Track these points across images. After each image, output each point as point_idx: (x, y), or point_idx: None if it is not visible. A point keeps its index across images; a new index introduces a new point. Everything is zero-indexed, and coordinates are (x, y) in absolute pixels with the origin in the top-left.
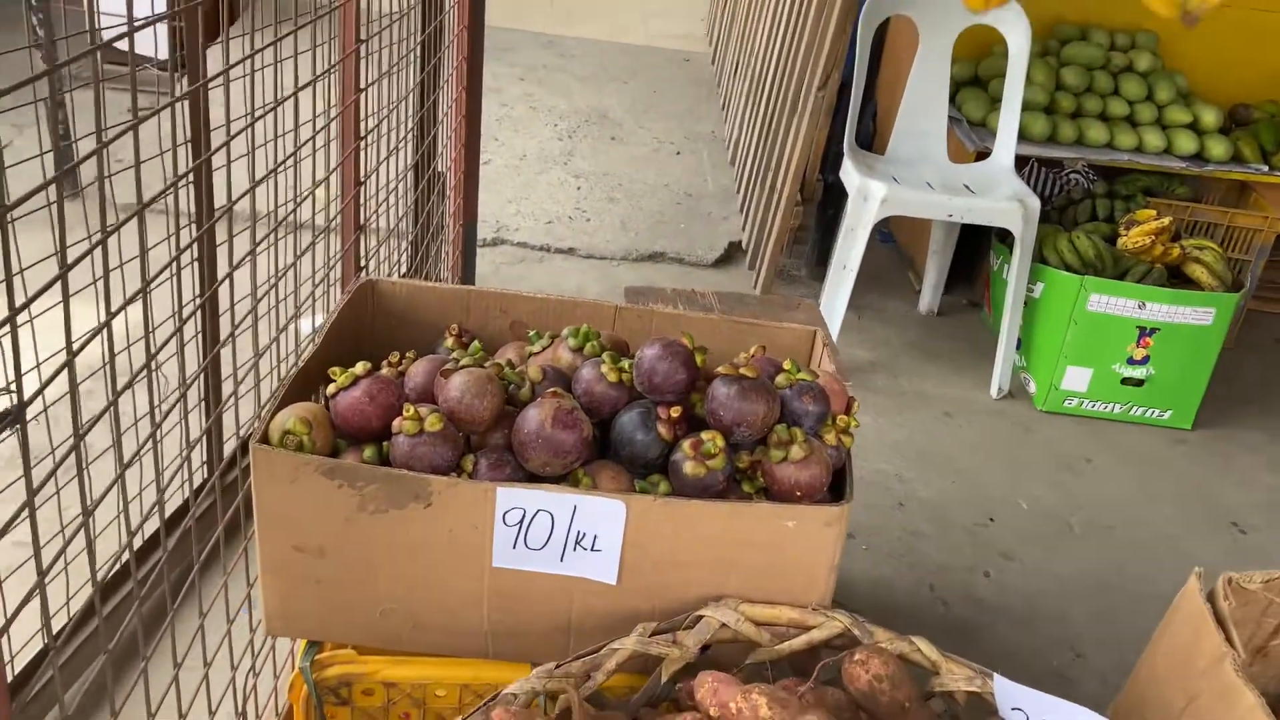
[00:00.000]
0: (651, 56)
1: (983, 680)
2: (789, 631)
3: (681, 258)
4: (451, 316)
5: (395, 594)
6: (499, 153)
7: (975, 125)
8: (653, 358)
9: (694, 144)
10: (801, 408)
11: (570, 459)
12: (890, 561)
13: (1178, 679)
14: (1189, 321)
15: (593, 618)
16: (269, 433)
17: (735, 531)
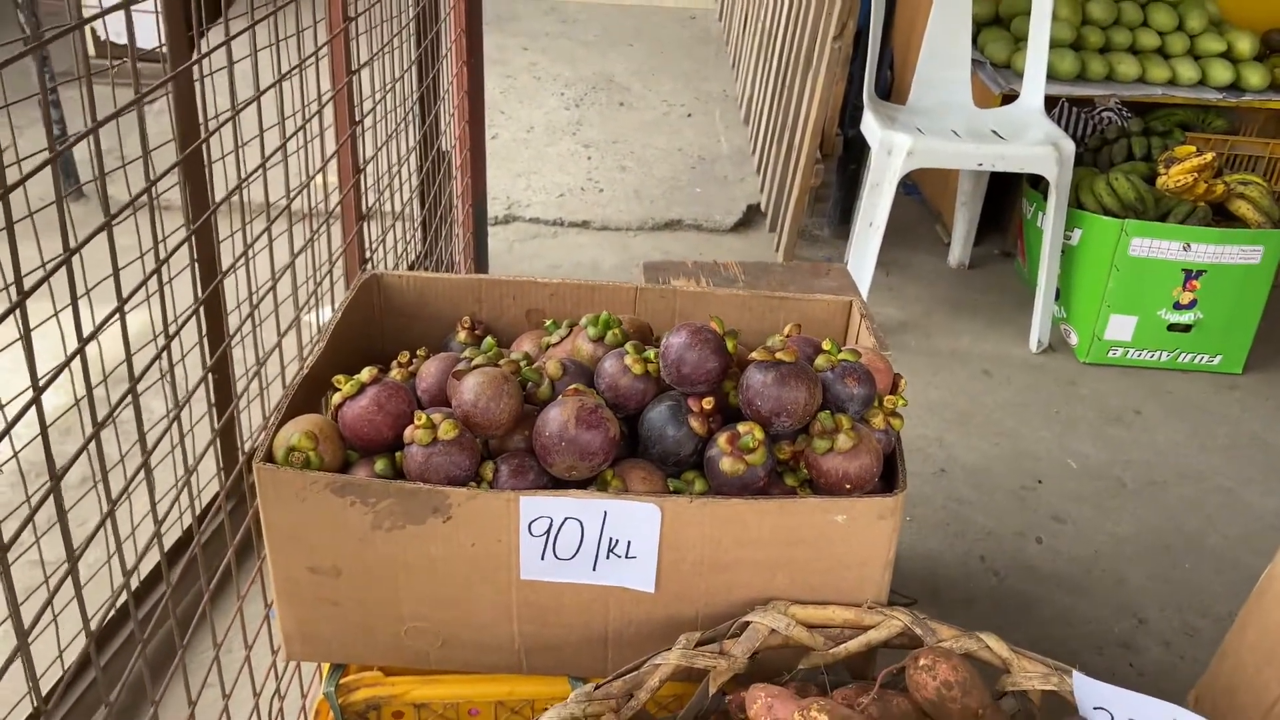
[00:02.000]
0: (656, 16)
1: (1060, 678)
2: (844, 633)
3: (699, 224)
4: (463, 308)
5: (419, 613)
6: (506, 126)
7: (1000, 67)
8: (680, 346)
9: (705, 105)
10: (846, 392)
11: (597, 461)
12: (937, 533)
13: (1272, 663)
14: (1237, 261)
15: (631, 627)
16: (273, 449)
17: (780, 530)
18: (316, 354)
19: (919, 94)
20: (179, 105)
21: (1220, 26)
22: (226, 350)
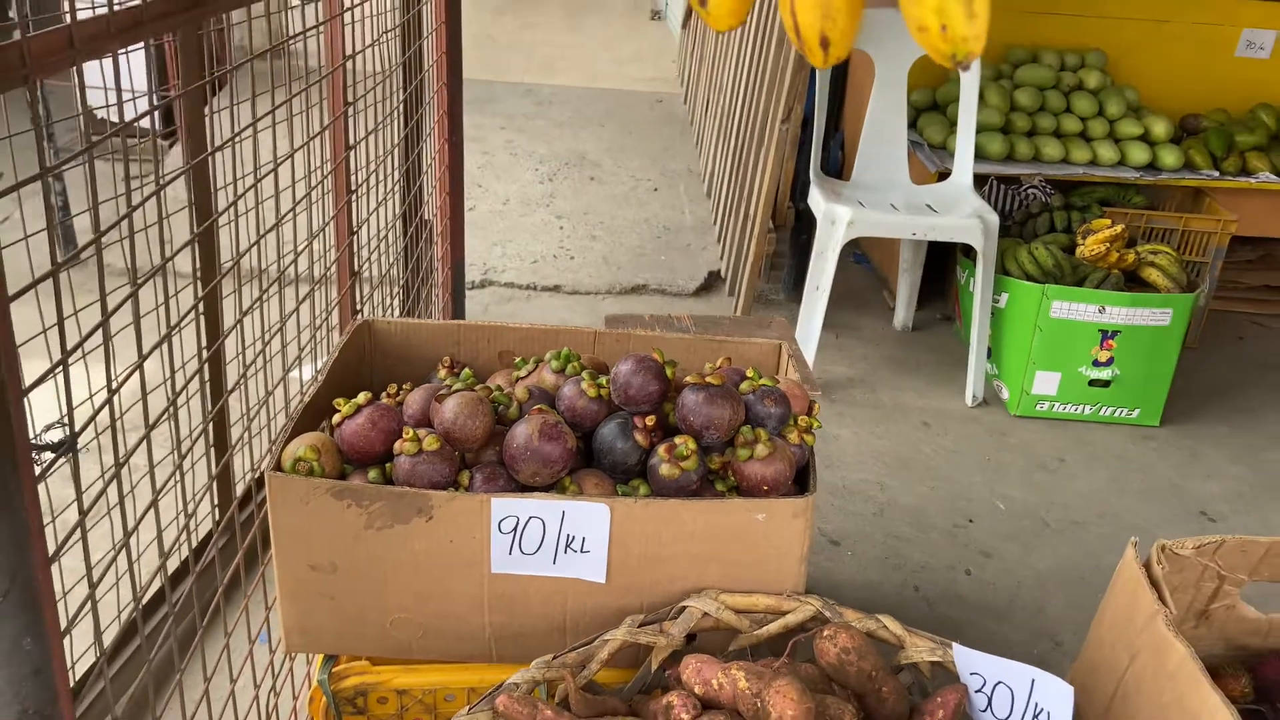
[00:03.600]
0: (626, 99)
1: (944, 650)
2: (766, 617)
3: (664, 289)
4: (443, 350)
5: (403, 604)
6: (483, 198)
7: (936, 148)
8: (627, 372)
9: (670, 180)
10: (764, 410)
11: (557, 468)
12: (876, 565)
13: (1121, 639)
14: (1148, 323)
15: (586, 616)
16: (282, 461)
17: (711, 527)
18: (316, 387)
19: (861, 171)
20: (198, 180)
21: (1139, 112)
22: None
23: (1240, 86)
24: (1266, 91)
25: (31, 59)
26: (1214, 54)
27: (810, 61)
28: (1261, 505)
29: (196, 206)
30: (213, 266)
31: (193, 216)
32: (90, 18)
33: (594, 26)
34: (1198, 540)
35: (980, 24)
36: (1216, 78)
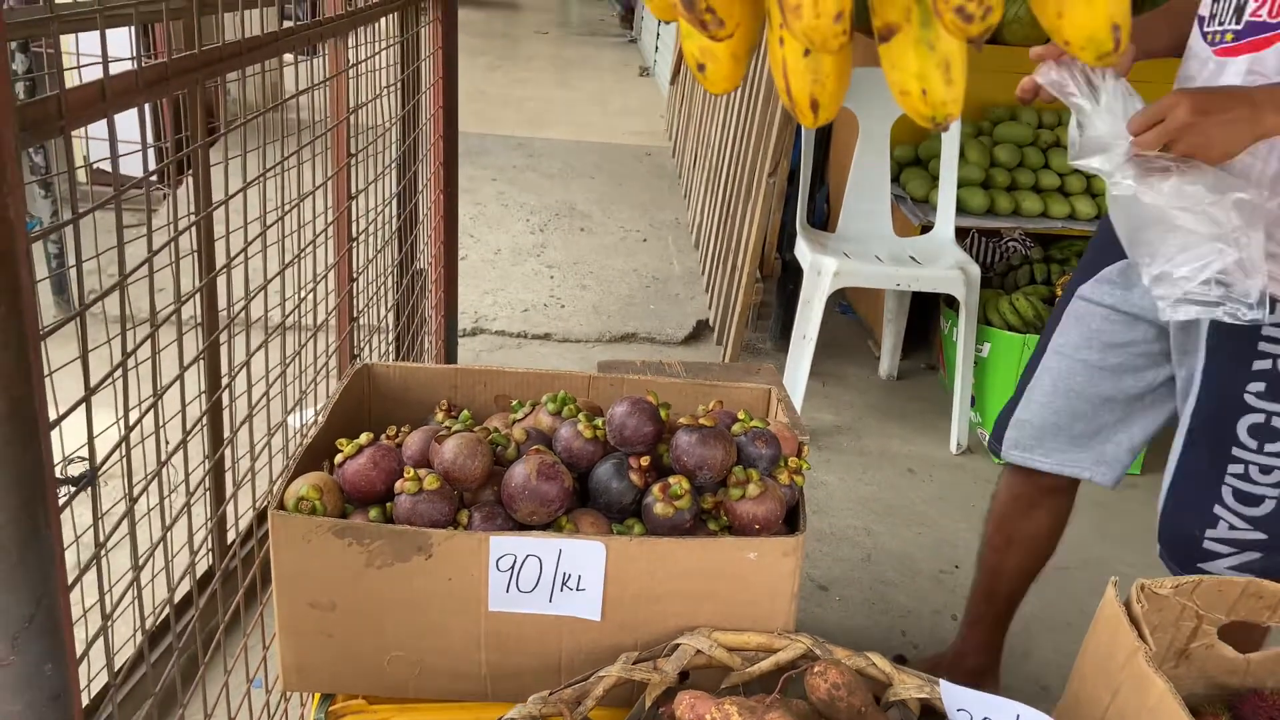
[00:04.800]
0: (615, 153)
1: (931, 688)
2: (758, 655)
3: (652, 337)
4: (441, 393)
5: (401, 643)
6: (475, 248)
7: (919, 202)
8: (622, 414)
9: (659, 231)
10: (755, 451)
11: (554, 507)
12: (864, 610)
13: (1102, 677)
14: None
15: (581, 654)
16: (285, 500)
17: (704, 565)
18: (318, 429)
19: (846, 223)
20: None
21: None
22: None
23: None
24: None
25: (68, 111)
26: None
27: (800, 122)
28: None
29: (199, 254)
30: (214, 312)
31: (198, 265)
32: (120, 73)
33: (584, 81)
34: (1176, 580)
35: (957, 89)
36: None
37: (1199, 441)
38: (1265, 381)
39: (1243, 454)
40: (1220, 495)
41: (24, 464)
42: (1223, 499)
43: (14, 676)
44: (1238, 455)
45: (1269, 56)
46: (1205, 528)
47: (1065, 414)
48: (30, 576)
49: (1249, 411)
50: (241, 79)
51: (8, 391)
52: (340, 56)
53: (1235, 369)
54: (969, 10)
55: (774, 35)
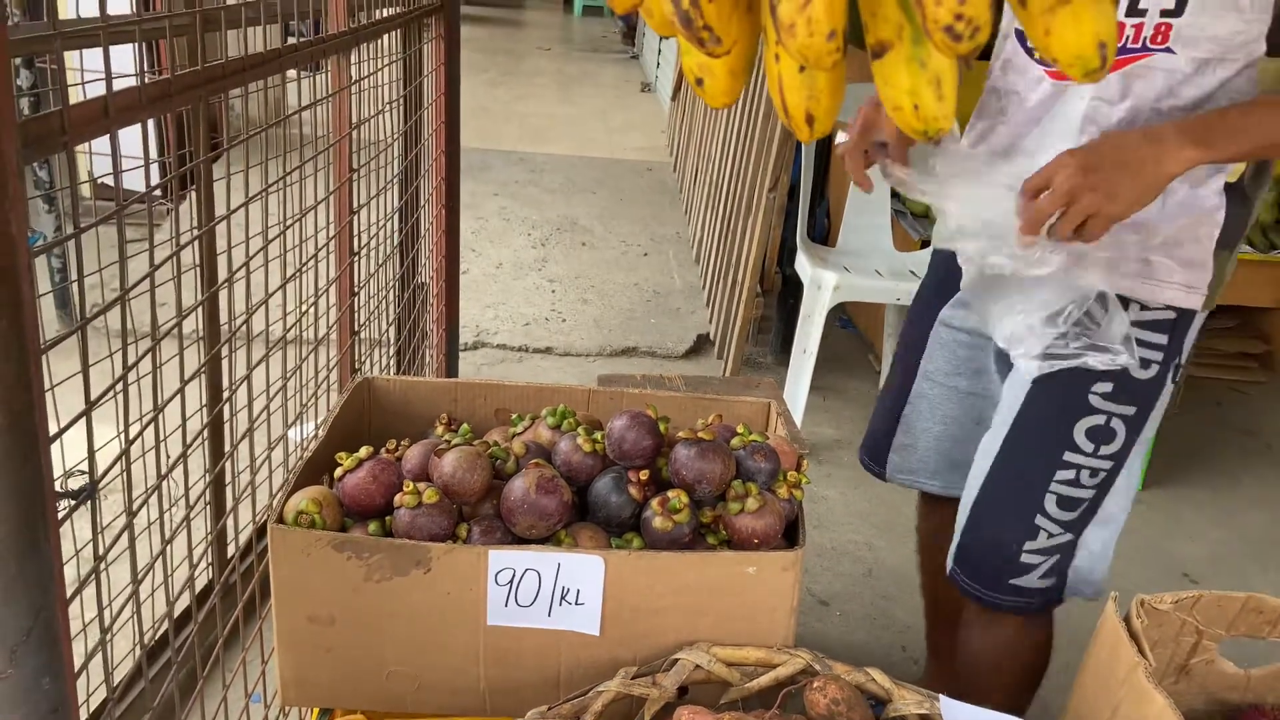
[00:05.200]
0: (616, 168)
1: (930, 703)
2: (757, 670)
3: (653, 351)
4: (441, 407)
5: (400, 657)
6: (477, 263)
7: (919, 217)
8: (621, 428)
9: (660, 245)
10: (754, 465)
11: (553, 521)
12: (864, 626)
13: (1102, 692)
14: None
15: (580, 669)
16: (284, 514)
17: (703, 579)
18: (318, 443)
19: (846, 238)
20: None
21: None
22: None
23: None
24: None
25: (71, 126)
26: None
27: (797, 136)
28: (1242, 567)
29: (201, 269)
30: (216, 326)
31: (200, 280)
32: (123, 89)
33: (586, 98)
34: (1175, 595)
35: (948, 104)
36: None
37: (1022, 444)
38: (1114, 382)
39: (1075, 458)
40: (1043, 504)
41: (24, 477)
42: (1044, 508)
43: (12, 690)
44: (1069, 460)
45: (1112, 82)
46: (1025, 540)
47: (945, 439)
48: (29, 589)
49: (1091, 413)
50: (244, 95)
51: (8, 405)
52: (343, 73)
53: (1079, 369)
54: (957, 30)
55: (770, 52)
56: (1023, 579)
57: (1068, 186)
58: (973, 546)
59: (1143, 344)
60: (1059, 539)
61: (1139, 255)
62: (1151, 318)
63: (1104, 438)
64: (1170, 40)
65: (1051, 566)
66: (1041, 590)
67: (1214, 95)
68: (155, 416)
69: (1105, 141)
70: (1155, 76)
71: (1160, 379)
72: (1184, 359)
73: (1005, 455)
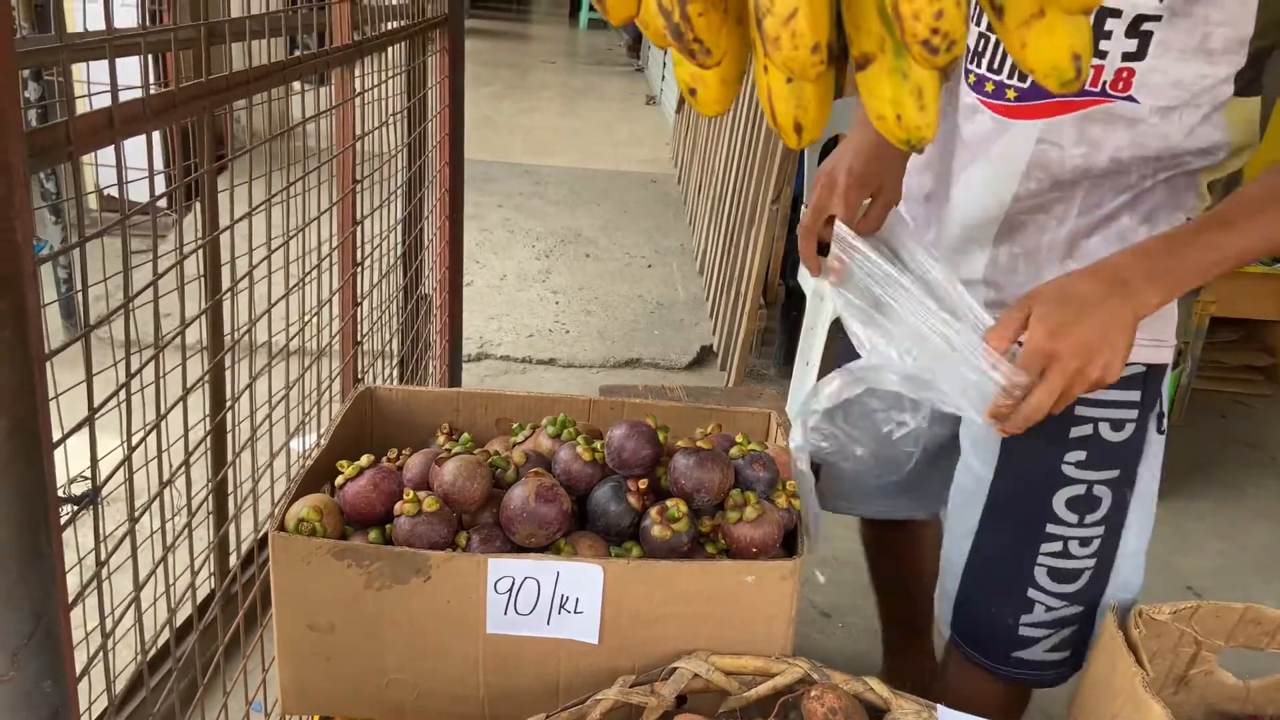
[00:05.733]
0: (621, 180)
1: (929, 713)
2: (755, 679)
3: (657, 362)
4: (442, 416)
5: (400, 665)
6: (480, 274)
7: None
8: (621, 437)
9: (664, 257)
10: (753, 474)
11: (552, 530)
12: (867, 637)
13: (1101, 703)
14: None
15: (579, 677)
16: (285, 521)
17: (702, 588)
18: (319, 451)
19: None
20: (212, 257)
21: None
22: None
23: None
24: (1244, 176)
25: (76, 137)
26: None
27: (786, 144)
28: (1245, 580)
29: (205, 279)
30: (219, 336)
31: (204, 290)
32: (128, 100)
33: (591, 110)
34: (1174, 606)
35: (930, 114)
36: None
37: (1002, 521)
38: (1085, 450)
39: (1060, 529)
40: (1034, 578)
41: (27, 481)
42: (1036, 581)
43: (13, 693)
44: (1054, 532)
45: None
46: (1020, 614)
47: (873, 471)
48: (31, 593)
49: (1068, 484)
50: (249, 107)
51: (12, 410)
52: (347, 85)
53: (1048, 440)
54: (934, 43)
55: (759, 63)
56: (1025, 652)
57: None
58: (968, 617)
59: (1114, 404)
60: (1061, 611)
61: None
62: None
63: (1088, 506)
64: (1133, 88)
65: (1062, 640)
66: (1053, 664)
67: (1181, 145)
68: (157, 425)
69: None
70: (1116, 125)
71: (1140, 435)
72: (1165, 407)
73: (985, 531)
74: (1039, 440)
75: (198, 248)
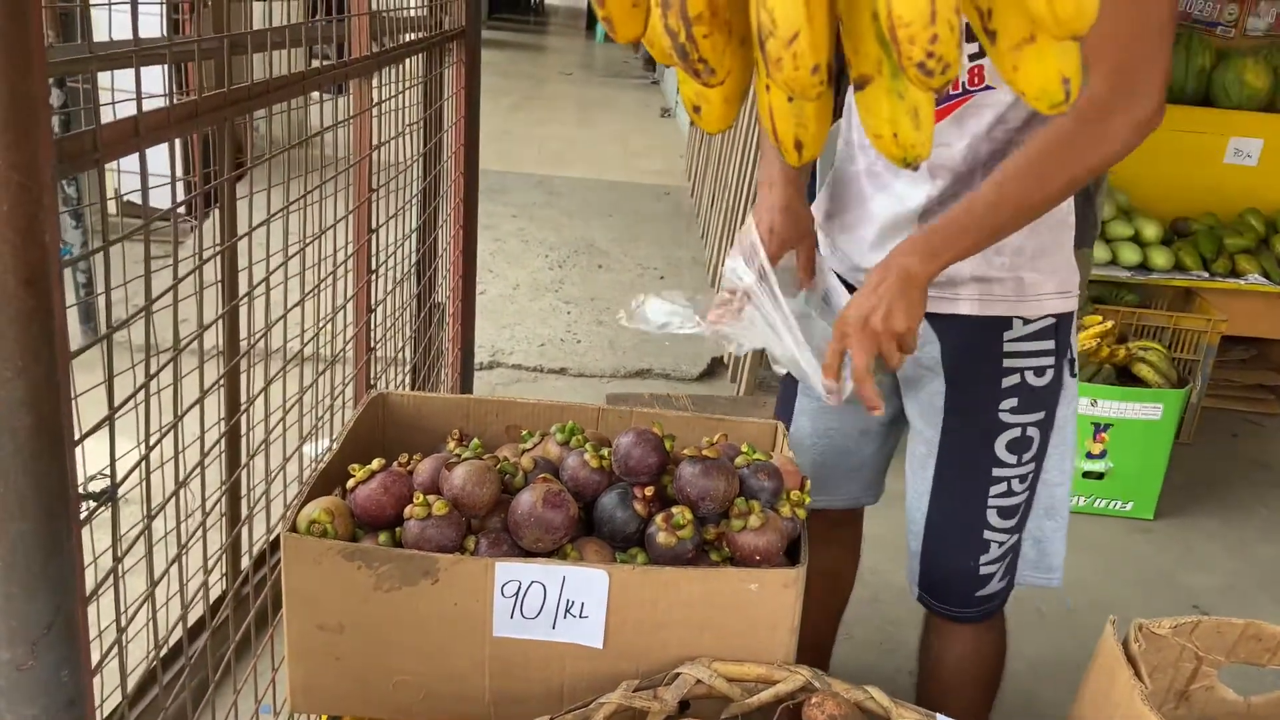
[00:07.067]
0: (634, 191)
1: None
2: (757, 686)
3: (667, 373)
4: (453, 422)
5: (407, 666)
6: (494, 283)
7: None
8: (628, 445)
9: (676, 269)
10: (758, 483)
11: (559, 535)
12: (871, 650)
13: (1100, 716)
14: (1139, 417)
15: (583, 682)
16: (297, 523)
17: (705, 595)
18: (332, 455)
19: None
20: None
21: (1130, 214)
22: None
23: (1229, 192)
24: (1254, 197)
25: (102, 145)
26: (1203, 161)
27: (787, 160)
28: (1253, 599)
29: (222, 285)
30: (236, 341)
31: (221, 295)
32: (153, 109)
33: (606, 122)
34: (1175, 620)
35: (925, 132)
36: (1206, 183)
37: (953, 474)
38: (1017, 396)
39: (1003, 471)
40: (986, 519)
41: (50, 476)
42: (989, 522)
43: (33, 681)
44: (998, 475)
45: (947, 128)
46: (979, 555)
47: (831, 453)
48: (51, 585)
49: (1005, 429)
50: (269, 116)
51: (36, 406)
52: (365, 95)
53: (984, 392)
54: (929, 66)
55: (761, 82)
56: (985, 589)
57: (863, 342)
58: (935, 574)
59: (1035, 354)
60: (1007, 543)
61: (1012, 275)
62: (1035, 329)
63: (1023, 447)
64: (987, 79)
65: (1005, 568)
66: (1000, 592)
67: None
68: (174, 426)
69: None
70: (983, 112)
71: (1058, 378)
72: (1074, 351)
73: (940, 487)
74: (976, 396)
75: (216, 253)
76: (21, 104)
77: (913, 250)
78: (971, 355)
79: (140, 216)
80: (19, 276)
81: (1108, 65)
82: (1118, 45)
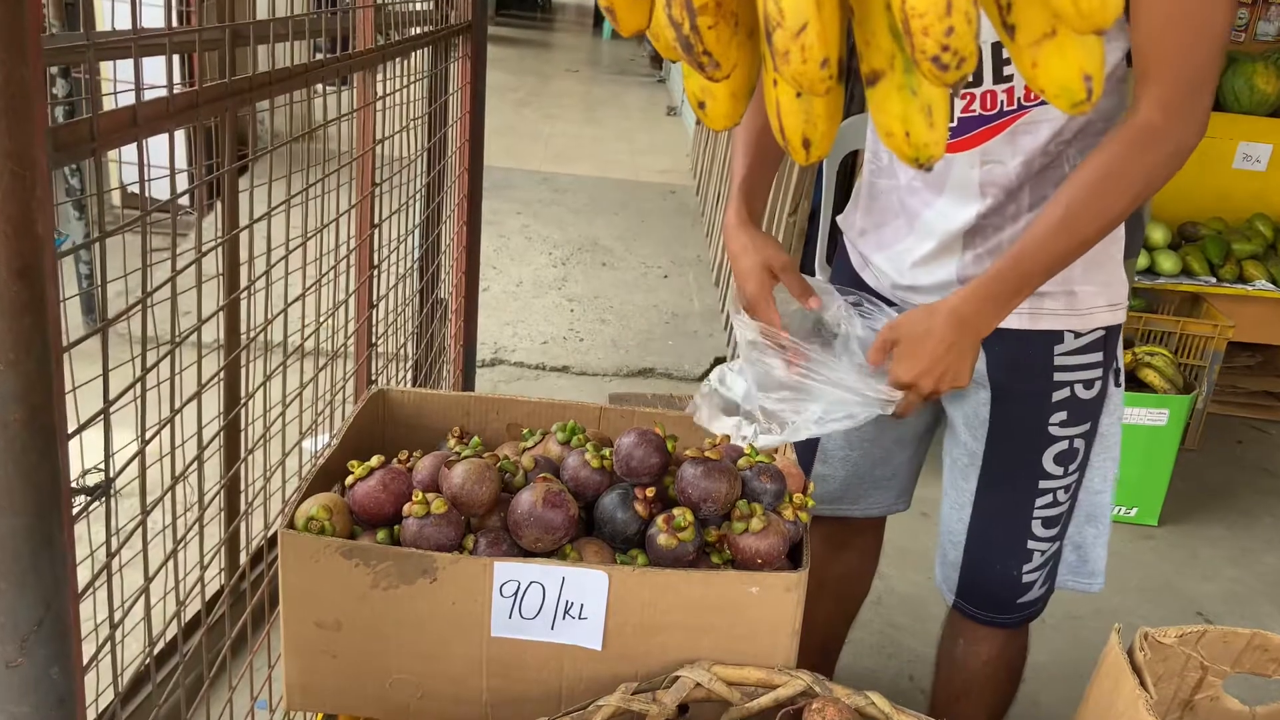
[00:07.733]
0: (640, 190)
1: None
2: (757, 690)
3: (670, 373)
4: (454, 420)
5: (404, 665)
6: (497, 280)
7: None
8: (629, 445)
9: (680, 268)
10: (760, 486)
11: (559, 535)
12: (872, 654)
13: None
14: (1145, 422)
15: (582, 683)
16: (295, 519)
17: (706, 598)
18: (331, 451)
19: None
20: (230, 255)
21: None
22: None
23: (1237, 197)
24: (1263, 202)
25: (100, 134)
26: (1212, 166)
27: (794, 159)
28: (1257, 607)
29: (223, 278)
30: (236, 335)
31: (222, 288)
32: (152, 99)
33: (612, 120)
34: (1180, 629)
35: (939, 132)
36: (1214, 188)
37: (999, 485)
38: (1066, 410)
39: (1050, 483)
40: (1031, 530)
41: (41, 470)
42: (1034, 532)
43: (22, 678)
44: (1045, 487)
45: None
46: (1023, 564)
47: (865, 463)
48: (41, 581)
49: (1054, 442)
50: (271, 108)
51: (29, 399)
52: (369, 89)
53: (1033, 406)
54: (944, 60)
55: (768, 77)
56: (1027, 595)
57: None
58: (976, 583)
59: (1085, 367)
60: (1049, 551)
61: (1063, 289)
62: (1086, 341)
63: (1070, 459)
64: None
65: (1047, 574)
66: (1041, 598)
67: (1093, 124)
68: (171, 420)
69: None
70: (1039, 129)
71: (1104, 391)
72: (1120, 361)
73: (984, 498)
74: (1025, 409)
75: (216, 245)
76: (16, 90)
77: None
78: (1020, 368)
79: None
80: (11, 267)
81: (1164, 90)
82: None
